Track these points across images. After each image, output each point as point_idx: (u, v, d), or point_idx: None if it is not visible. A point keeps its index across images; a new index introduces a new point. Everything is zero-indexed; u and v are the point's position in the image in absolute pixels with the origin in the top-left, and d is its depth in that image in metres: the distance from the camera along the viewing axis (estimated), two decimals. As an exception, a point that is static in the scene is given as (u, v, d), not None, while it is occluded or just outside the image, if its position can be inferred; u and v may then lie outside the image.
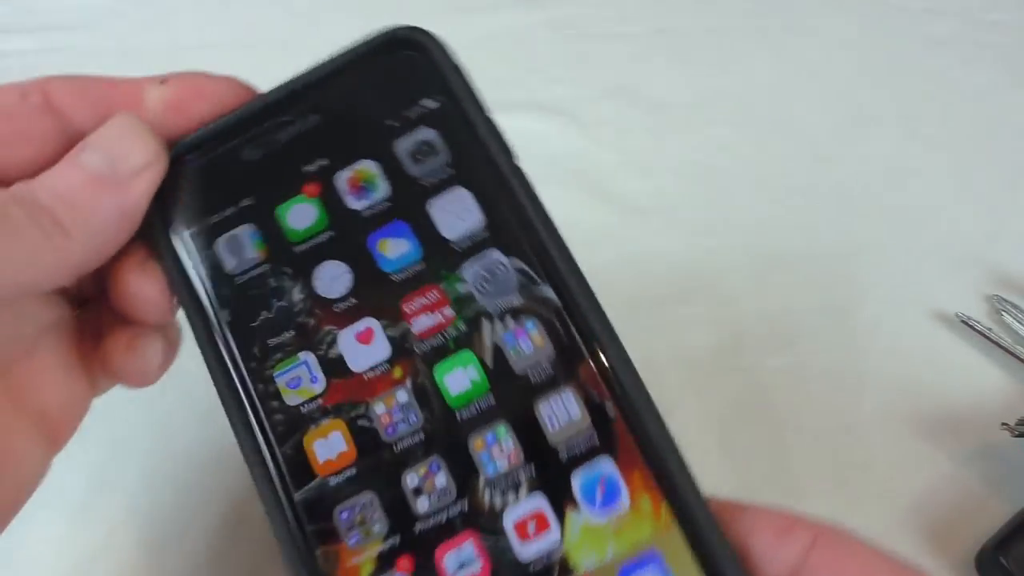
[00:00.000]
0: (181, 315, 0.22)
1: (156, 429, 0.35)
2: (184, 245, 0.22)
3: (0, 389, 0.22)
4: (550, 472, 0.20)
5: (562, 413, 0.20)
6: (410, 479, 0.20)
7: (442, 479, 0.20)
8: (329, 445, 0.20)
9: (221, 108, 0.22)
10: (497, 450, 0.20)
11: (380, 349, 0.21)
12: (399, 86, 0.22)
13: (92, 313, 0.24)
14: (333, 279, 0.22)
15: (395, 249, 0.21)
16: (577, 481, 0.20)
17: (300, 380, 0.21)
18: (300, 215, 0.22)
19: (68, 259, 0.20)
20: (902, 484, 0.34)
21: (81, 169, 0.21)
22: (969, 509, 0.33)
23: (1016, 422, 0.33)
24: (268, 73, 0.23)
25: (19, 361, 0.22)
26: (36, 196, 0.20)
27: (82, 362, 0.23)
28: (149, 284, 0.22)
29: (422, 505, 0.20)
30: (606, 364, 0.20)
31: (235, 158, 0.22)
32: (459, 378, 0.20)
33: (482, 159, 0.21)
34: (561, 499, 0.19)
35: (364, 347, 0.21)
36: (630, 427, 0.19)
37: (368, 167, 0.22)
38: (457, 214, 0.21)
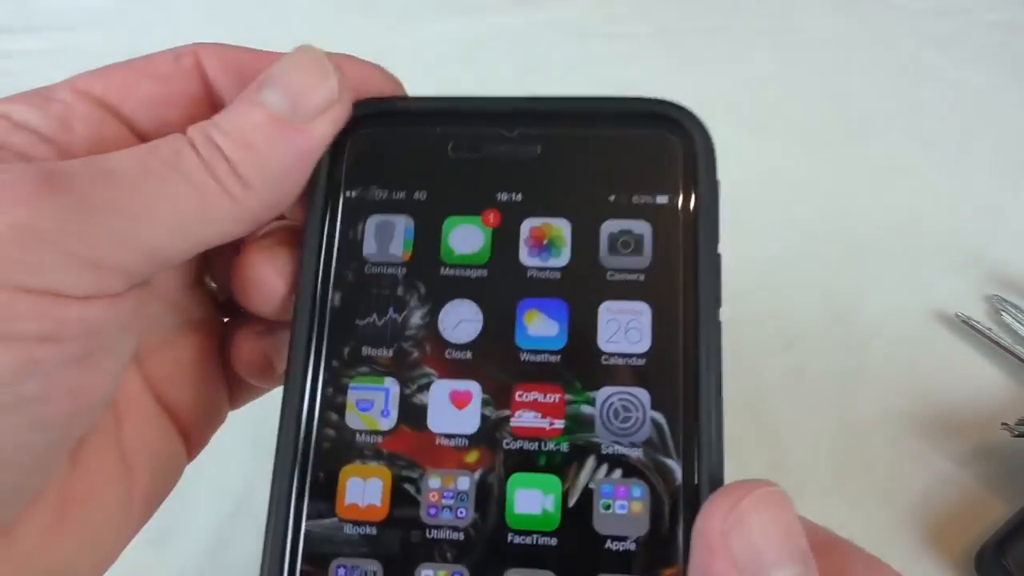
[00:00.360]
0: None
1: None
2: (333, 204, 0.20)
3: (140, 378, 0.20)
4: None
5: None
6: None
7: None
8: (364, 490, 0.18)
9: (359, 93, 0.20)
10: None
11: (469, 421, 0.18)
12: (640, 164, 0.19)
13: (238, 321, 0.22)
14: (460, 322, 0.19)
15: (540, 327, 0.19)
16: None
17: (372, 405, 0.19)
18: (466, 237, 0.19)
19: (243, 213, 0.18)
20: (902, 484, 0.34)
21: (262, 108, 0.18)
22: (969, 509, 0.33)
23: (1016, 422, 0.33)
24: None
25: (158, 351, 0.21)
26: (214, 139, 0.17)
27: (222, 370, 0.22)
28: (272, 273, 0.19)
29: None
30: None
31: (433, 145, 0.20)
32: (532, 500, 0.18)
33: (685, 290, 0.18)
34: None
35: (454, 410, 0.18)
36: None
37: (561, 227, 0.19)
38: (625, 328, 0.18)
